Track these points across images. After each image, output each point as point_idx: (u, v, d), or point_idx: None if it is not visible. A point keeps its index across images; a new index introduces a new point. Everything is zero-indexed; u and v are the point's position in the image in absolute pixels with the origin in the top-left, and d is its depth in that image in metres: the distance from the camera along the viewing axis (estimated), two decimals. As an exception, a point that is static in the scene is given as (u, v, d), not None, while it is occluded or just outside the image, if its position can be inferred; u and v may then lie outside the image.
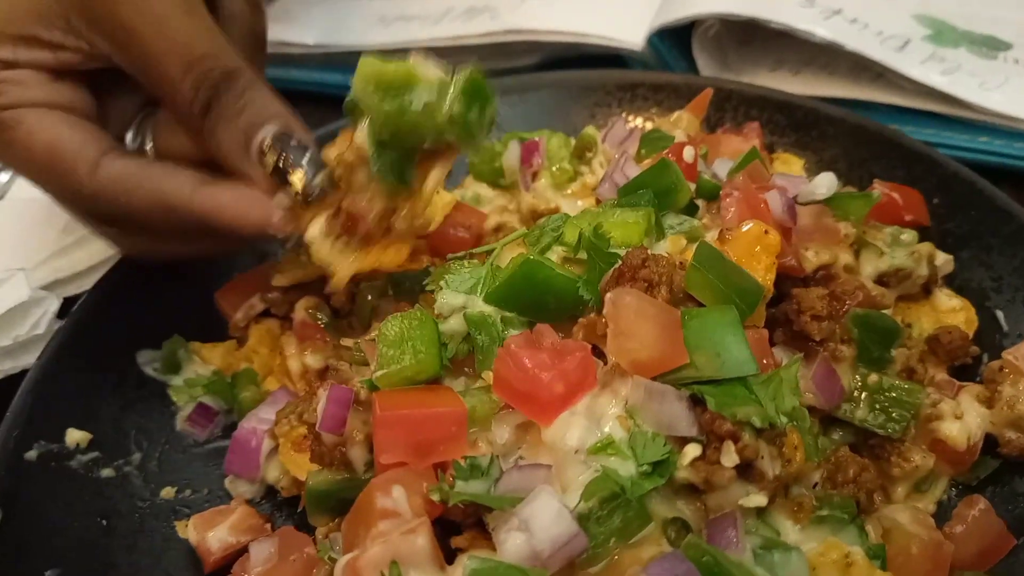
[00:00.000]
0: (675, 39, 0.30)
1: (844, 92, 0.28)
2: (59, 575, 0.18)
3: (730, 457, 0.15)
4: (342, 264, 0.21)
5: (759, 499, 0.16)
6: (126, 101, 0.27)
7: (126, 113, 0.27)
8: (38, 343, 0.23)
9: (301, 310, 0.22)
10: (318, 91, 0.33)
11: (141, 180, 0.24)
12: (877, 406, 0.18)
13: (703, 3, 0.28)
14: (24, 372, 0.22)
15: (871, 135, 0.23)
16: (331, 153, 0.22)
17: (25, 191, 0.27)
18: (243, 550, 0.20)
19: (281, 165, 0.22)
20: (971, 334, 0.20)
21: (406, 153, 0.21)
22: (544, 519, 0.14)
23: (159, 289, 0.23)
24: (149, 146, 0.26)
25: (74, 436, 0.20)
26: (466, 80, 0.20)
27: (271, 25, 0.35)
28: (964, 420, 0.18)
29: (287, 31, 0.35)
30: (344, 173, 0.21)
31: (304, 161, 0.22)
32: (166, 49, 0.23)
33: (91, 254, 0.25)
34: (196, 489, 0.21)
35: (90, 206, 0.26)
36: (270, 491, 0.22)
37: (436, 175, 0.21)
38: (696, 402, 0.16)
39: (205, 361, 0.23)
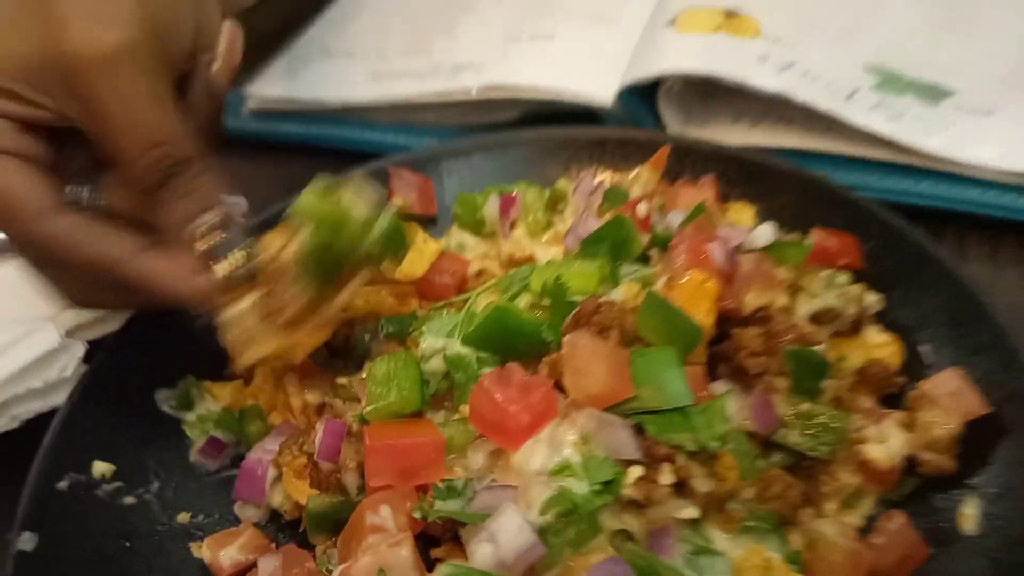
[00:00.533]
0: (643, 96, 0.33)
1: (798, 143, 0.31)
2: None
3: (666, 477, 0.18)
4: (261, 343, 0.23)
5: (692, 512, 0.18)
6: (82, 156, 0.29)
7: (81, 167, 0.29)
8: (66, 385, 0.25)
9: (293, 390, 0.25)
10: (313, 143, 0.36)
11: (85, 238, 0.26)
12: (808, 431, 0.21)
13: (665, 62, 0.31)
14: (53, 411, 0.24)
15: (815, 186, 0.26)
16: (269, 242, 0.24)
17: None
18: (251, 566, 0.22)
19: (211, 251, 0.25)
20: (898, 366, 0.23)
21: (329, 268, 0.24)
22: (509, 532, 0.17)
23: (174, 334, 0.25)
24: (102, 201, 0.29)
25: (99, 468, 0.22)
26: (388, 226, 0.23)
27: (273, 82, 0.38)
28: (887, 443, 0.21)
29: (287, 88, 0.38)
30: (274, 269, 0.24)
31: (231, 252, 0.24)
32: (130, 129, 0.25)
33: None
34: (208, 514, 0.23)
35: (34, 253, 0.28)
36: (274, 515, 0.25)
37: (352, 286, 0.24)
38: (640, 430, 0.18)
39: (216, 399, 0.25)
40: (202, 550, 0.21)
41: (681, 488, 0.18)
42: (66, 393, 0.23)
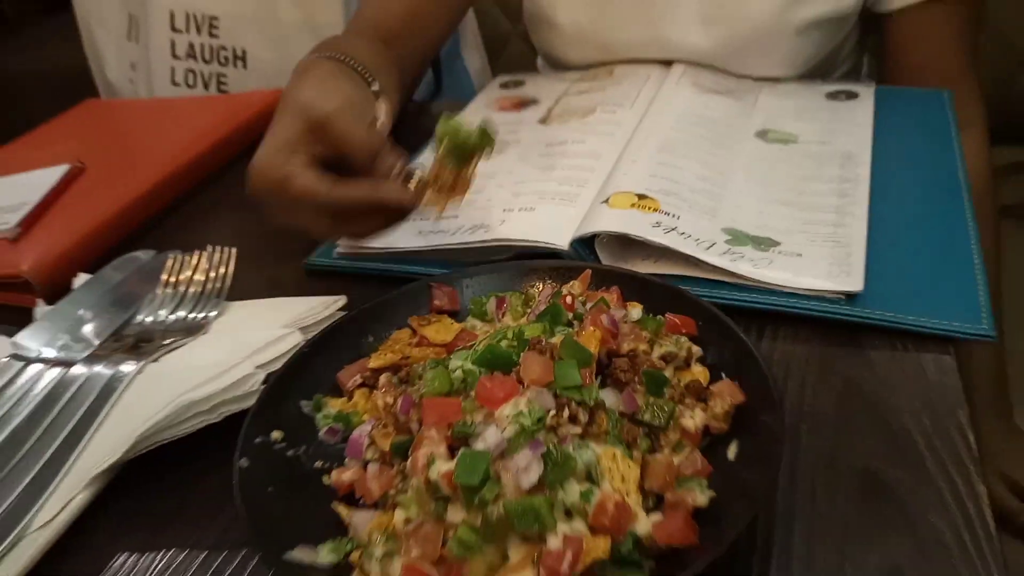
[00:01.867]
0: (586, 244, 0.52)
1: (678, 271, 0.50)
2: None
3: (565, 414, 0.35)
4: (439, 205, 0.49)
5: (577, 430, 0.35)
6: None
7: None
8: (252, 396, 0.43)
9: (384, 380, 0.42)
10: (386, 274, 0.55)
11: (354, 189, 0.50)
12: (652, 412, 0.38)
13: (600, 225, 0.50)
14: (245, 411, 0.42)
15: (674, 292, 0.44)
16: (430, 162, 0.50)
17: (232, 318, 0.49)
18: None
19: (406, 177, 0.50)
20: (705, 382, 0.40)
21: (461, 157, 0.48)
22: (491, 438, 0.33)
23: (308, 376, 0.43)
24: None
25: (276, 435, 0.40)
26: (484, 132, 0.48)
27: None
28: (695, 418, 0.38)
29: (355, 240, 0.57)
30: (436, 167, 0.49)
31: (415, 174, 0.50)
32: (359, 148, 0.50)
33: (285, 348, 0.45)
34: (331, 464, 0.40)
35: (322, 205, 0.50)
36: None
37: (474, 165, 0.49)
38: (556, 395, 0.36)
39: (332, 406, 0.43)
40: (331, 477, 0.38)
41: (574, 420, 0.35)
42: (252, 401, 0.41)
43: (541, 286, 0.45)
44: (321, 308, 0.47)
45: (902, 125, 0.61)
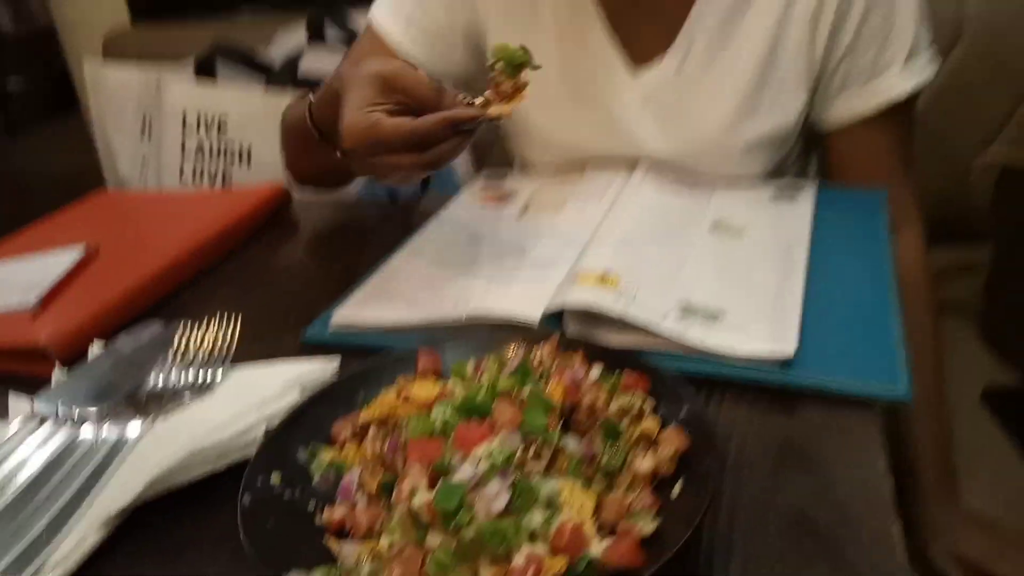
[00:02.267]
0: (556, 316, 0.58)
1: (637, 343, 0.56)
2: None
3: (532, 453, 0.40)
4: (502, 111, 0.56)
5: (541, 466, 0.40)
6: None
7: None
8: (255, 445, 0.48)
9: (373, 431, 0.47)
10: (376, 348, 0.59)
11: (433, 117, 0.55)
12: (608, 457, 0.43)
13: (567, 300, 0.57)
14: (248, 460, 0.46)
15: (632, 356, 0.50)
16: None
17: (236, 380, 0.54)
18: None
19: (467, 101, 0.57)
20: (656, 431, 0.46)
21: (513, 69, 0.56)
22: (466, 472, 0.39)
23: (305, 428, 0.48)
24: None
25: (275, 477, 0.44)
26: (522, 48, 0.56)
27: (348, 313, 0.63)
28: (645, 462, 0.43)
29: (358, 317, 0.62)
30: (496, 83, 0.57)
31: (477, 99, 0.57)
32: (426, 91, 0.56)
33: (285, 404, 0.50)
34: (323, 504, 0.45)
35: (408, 139, 0.54)
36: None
37: (526, 75, 0.57)
38: (524, 437, 0.41)
39: (326, 456, 0.48)
40: (322, 517, 0.43)
41: (539, 458, 0.40)
42: (254, 450, 0.46)
43: (515, 350, 0.51)
44: (318, 369, 0.52)
45: (838, 219, 0.68)
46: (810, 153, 0.89)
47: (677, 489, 0.41)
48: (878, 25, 0.67)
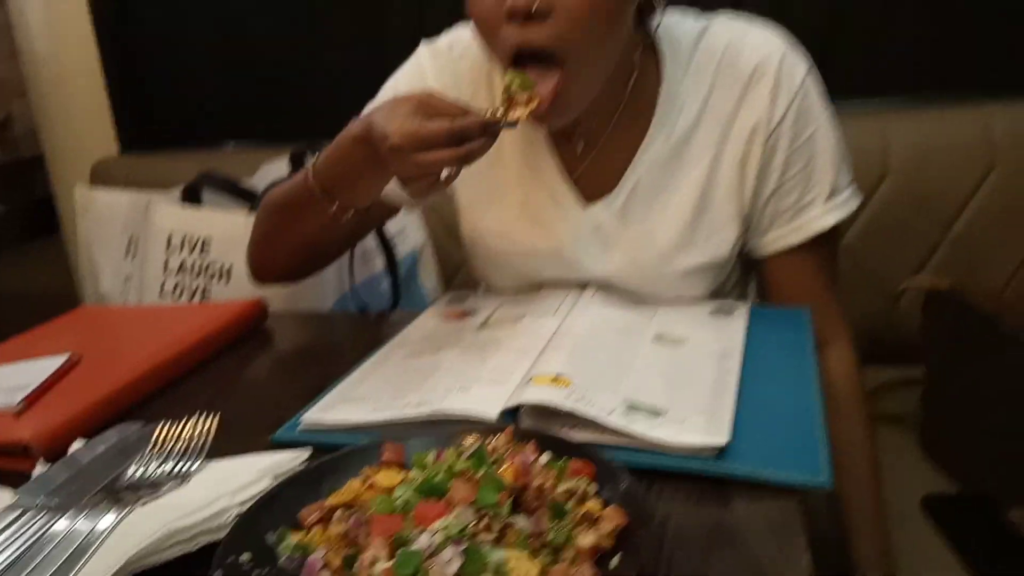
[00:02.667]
0: (512, 413, 0.63)
1: (586, 438, 0.61)
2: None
3: (484, 525, 0.44)
4: (520, 115, 0.67)
5: (492, 537, 0.44)
6: None
7: None
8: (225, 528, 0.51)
9: (338, 515, 0.51)
10: (337, 444, 0.64)
11: (468, 118, 0.63)
12: (554, 533, 0.47)
13: (522, 398, 0.62)
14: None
15: (579, 446, 0.55)
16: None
17: (212, 471, 0.57)
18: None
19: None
20: (599, 511, 0.50)
21: (524, 84, 0.66)
22: (423, 542, 0.43)
23: (274, 513, 0.52)
24: None
25: (245, 557, 0.47)
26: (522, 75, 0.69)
27: (317, 414, 0.67)
28: (587, 539, 0.47)
29: (327, 417, 0.66)
30: (509, 95, 0.67)
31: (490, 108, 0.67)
32: (457, 107, 0.66)
33: (257, 490, 0.53)
34: None
35: (448, 136, 0.63)
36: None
37: (536, 84, 0.68)
38: (477, 512, 0.45)
39: (293, 539, 0.51)
40: None
41: (490, 530, 0.44)
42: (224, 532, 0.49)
43: (472, 440, 0.56)
44: (289, 460, 0.56)
45: (768, 332, 0.76)
46: (749, 276, 0.98)
47: (615, 561, 0.45)
48: (800, 169, 0.77)
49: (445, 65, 0.83)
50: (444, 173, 0.66)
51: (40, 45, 1.94)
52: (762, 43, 0.75)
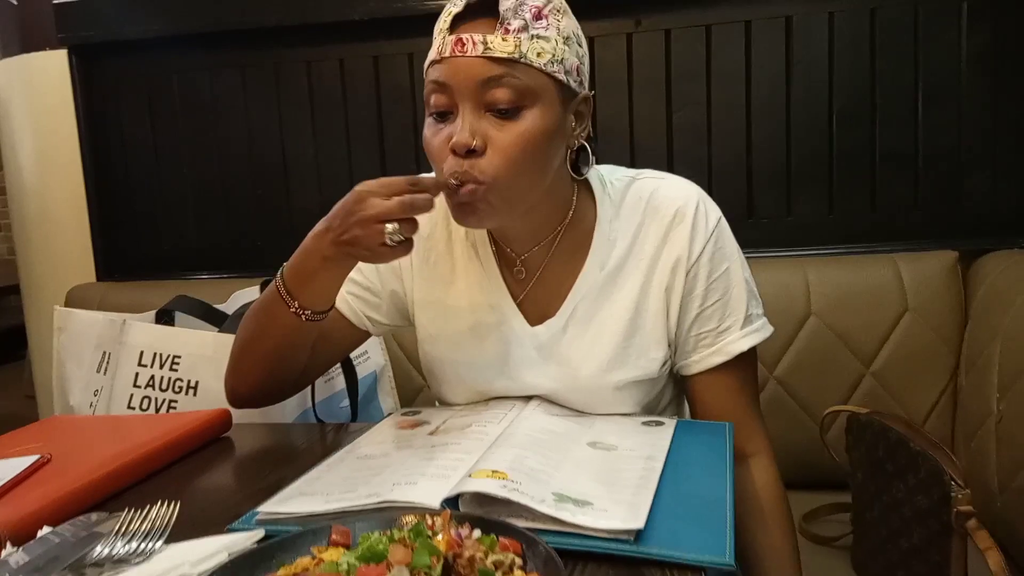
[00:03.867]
0: (452, 502, 0.70)
1: (524, 525, 0.67)
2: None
3: None
4: None
5: None
6: None
7: None
8: None
9: None
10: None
11: (426, 177, 0.76)
12: None
13: (460, 488, 0.68)
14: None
15: (509, 526, 0.62)
16: None
17: (173, 549, 0.61)
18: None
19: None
20: None
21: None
22: None
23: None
24: None
25: None
26: None
27: (273, 505, 0.73)
28: None
29: (282, 508, 0.73)
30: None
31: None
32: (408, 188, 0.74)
33: (214, 564, 0.58)
34: None
35: (407, 188, 0.73)
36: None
37: None
38: (412, 570, 0.50)
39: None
40: None
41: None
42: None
43: (412, 518, 0.62)
44: (244, 539, 0.62)
45: (692, 440, 0.84)
46: (683, 397, 1.06)
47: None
48: (718, 300, 0.87)
49: None
50: (399, 237, 0.73)
51: (29, 181, 2.06)
52: (681, 192, 0.88)
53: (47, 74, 1.97)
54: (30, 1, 1.95)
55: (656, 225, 0.87)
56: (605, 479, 0.74)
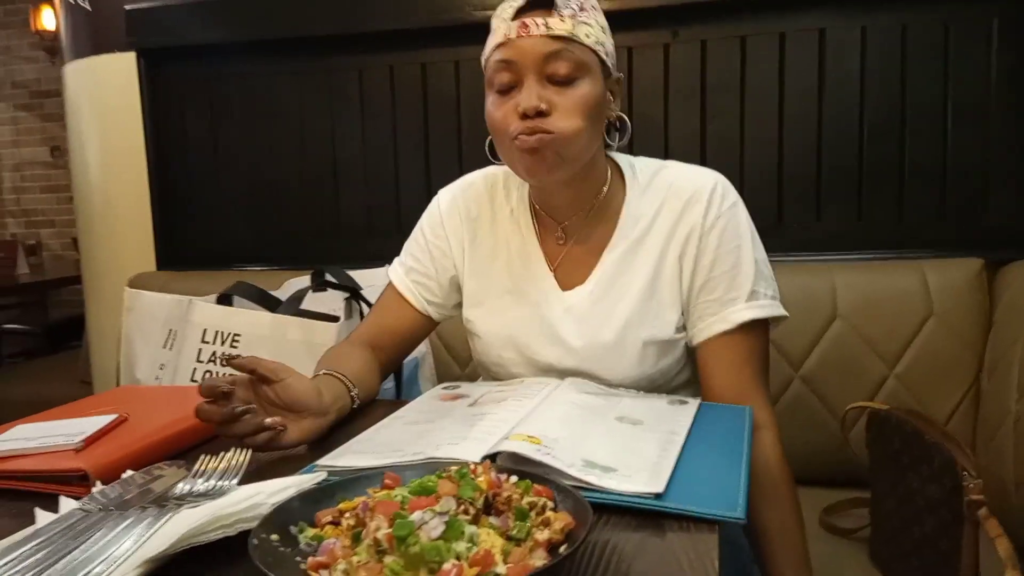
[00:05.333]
0: (491, 458, 0.77)
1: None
2: None
3: (461, 510, 0.57)
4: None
5: (468, 518, 0.56)
6: None
7: None
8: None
9: (347, 516, 0.64)
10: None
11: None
12: (518, 529, 0.59)
13: (499, 447, 0.76)
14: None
15: (541, 477, 0.69)
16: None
17: (246, 489, 0.70)
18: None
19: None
20: (554, 517, 0.62)
21: None
22: (415, 517, 0.55)
23: (296, 512, 0.65)
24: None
25: (274, 536, 0.59)
26: None
27: (330, 460, 0.81)
28: (543, 534, 0.59)
29: (337, 461, 0.81)
30: None
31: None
32: (306, 403, 0.83)
33: (285, 496, 0.66)
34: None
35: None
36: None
37: None
38: (458, 501, 0.58)
39: (310, 532, 0.63)
40: (306, 562, 0.58)
41: (467, 513, 0.57)
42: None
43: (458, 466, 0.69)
44: (310, 479, 0.70)
45: (713, 418, 0.90)
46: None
47: (564, 548, 0.58)
48: (726, 271, 0.94)
49: (456, 202, 1.09)
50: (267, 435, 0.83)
51: (95, 177, 2.19)
52: (701, 176, 0.98)
53: (116, 76, 2.10)
54: (102, 6, 2.08)
55: (675, 201, 0.97)
56: (630, 449, 0.81)
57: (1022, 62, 1.45)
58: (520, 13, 0.87)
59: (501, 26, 0.87)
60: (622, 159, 1.01)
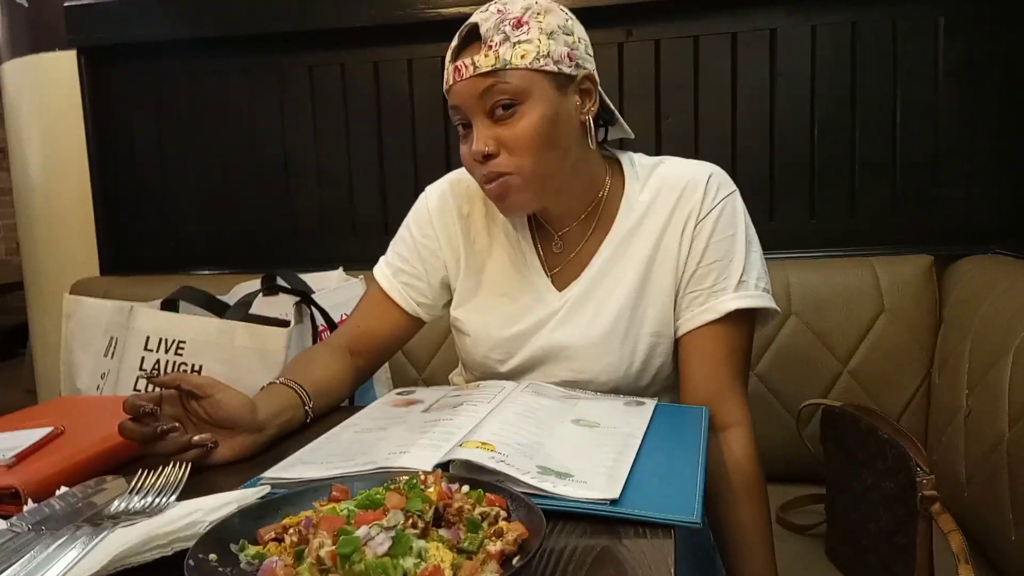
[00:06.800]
0: (444, 466, 0.75)
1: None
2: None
3: (410, 524, 0.55)
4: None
5: (417, 532, 0.54)
6: None
7: None
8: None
9: (291, 532, 0.61)
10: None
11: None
12: (469, 542, 0.57)
13: (451, 455, 0.74)
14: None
15: (494, 485, 0.67)
16: None
17: (186, 504, 0.67)
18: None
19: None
20: (507, 527, 0.60)
21: None
22: (360, 532, 0.53)
23: (237, 530, 0.62)
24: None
25: (212, 556, 0.56)
26: None
27: (276, 472, 0.78)
28: (496, 545, 0.58)
29: (284, 473, 0.78)
30: None
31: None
32: (237, 420, 0.78)
33: (225, 512, 0.63)
34: None
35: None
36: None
37: None
38: (406, 513, 0.56)
39: (252, 550, 0.60)
40: None
41: (415, 527, 0.55)
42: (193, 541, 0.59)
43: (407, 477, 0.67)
44: (252, 494, 0.67)
45: (669, 419, 0.89)
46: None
47: (516, 560, 0.56)
48: (717, 260, 0.93)
49: (446, 200, 1.07)
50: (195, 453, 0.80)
51: (36, 179, 2.12)
52: (699, 167, 0.98)
53: (56, 74, 2.03)
54: (41, 3, 2.00)
55: (671, 192, 0.97)
56: (586, 453, 0.79)
57: (968, 58, 1.48)
58: (455, 55, 0.87)
59: (446, 70, 0.88)
60: (623, 156, 1.00)
